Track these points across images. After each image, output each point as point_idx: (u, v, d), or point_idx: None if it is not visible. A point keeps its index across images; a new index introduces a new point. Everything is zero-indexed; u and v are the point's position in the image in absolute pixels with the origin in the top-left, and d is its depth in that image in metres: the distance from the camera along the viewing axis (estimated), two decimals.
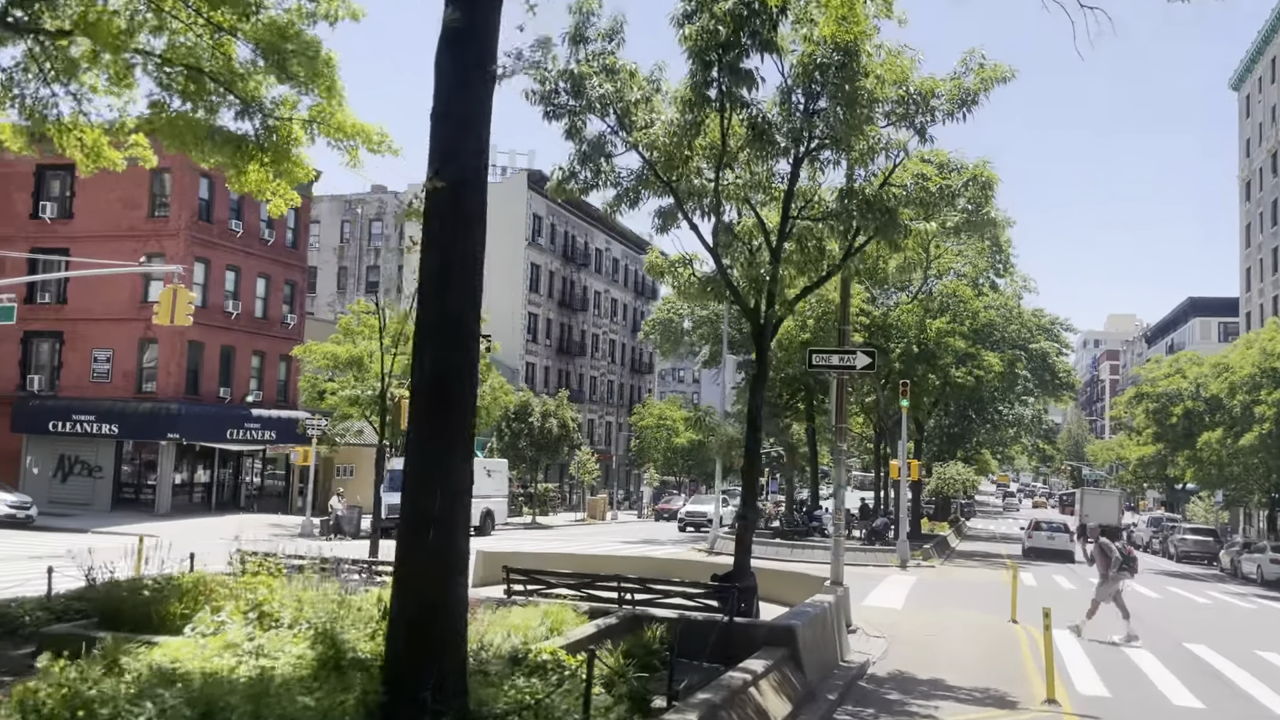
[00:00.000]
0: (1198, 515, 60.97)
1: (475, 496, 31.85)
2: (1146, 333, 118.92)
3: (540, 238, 71.34)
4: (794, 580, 16.20)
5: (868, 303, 39.17)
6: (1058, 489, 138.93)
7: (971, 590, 24.50)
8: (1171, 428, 38.00)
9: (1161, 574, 37.44)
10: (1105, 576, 17.49)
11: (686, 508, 49.55)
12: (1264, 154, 70.25)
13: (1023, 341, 42.75)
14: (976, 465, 70.46)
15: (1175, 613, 22.71)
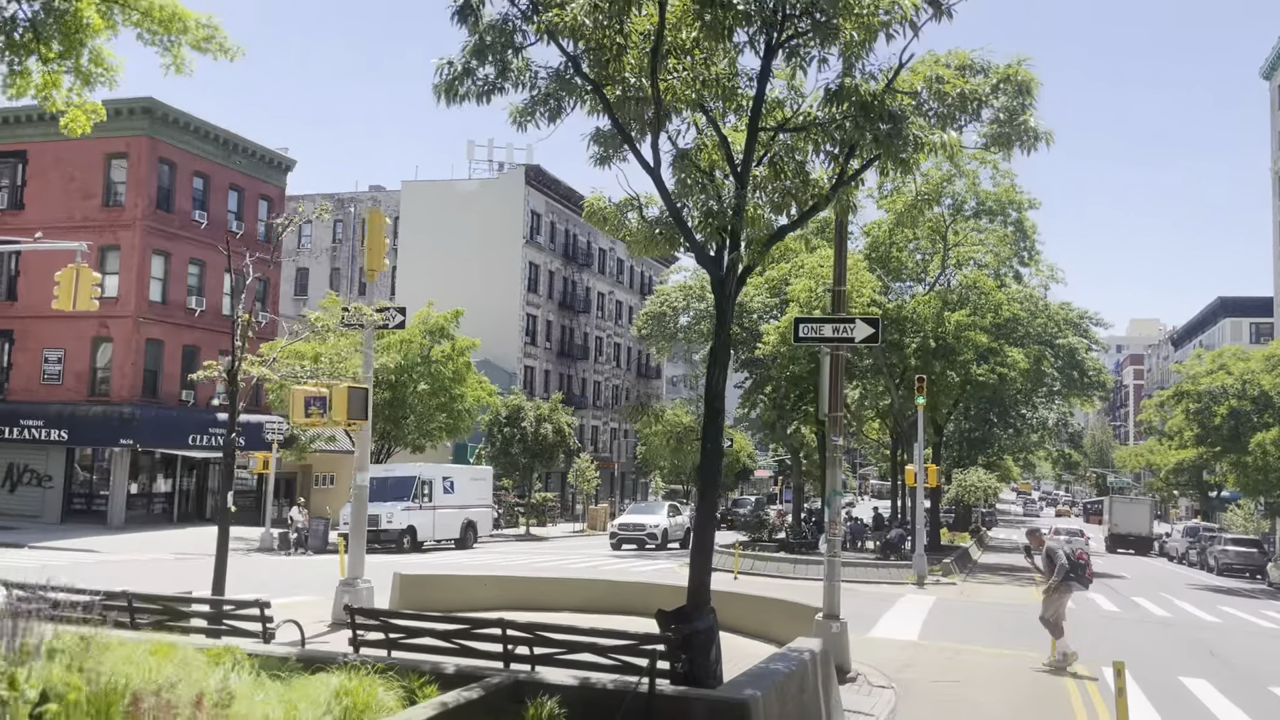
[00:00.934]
0: (1236, 524, 57.15)
1: (455, 507, 28.35)
2: (1173, 335, 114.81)
3: (539, 236, 68.37)
4: (779, 611, 12.99)
5: (880, 293, 35.88)
6: (1081, 496, 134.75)
7: (1000, 615, 21.16)
8: (1215, 429, 34.49)
9: (1206, 589, 33.92)
10: (1050, 589, 14.25)
11: (621, 520, 39.80)
12: None
13: (1049, 337, 39.34)
14: (998, 472, 66.85)
15: (1244, 641, 19.28)
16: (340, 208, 75.04)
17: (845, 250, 11.78)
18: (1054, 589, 14.33)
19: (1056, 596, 14.32)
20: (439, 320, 37.52)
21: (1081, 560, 14.39)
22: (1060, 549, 14.42)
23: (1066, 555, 14.32)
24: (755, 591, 14.90)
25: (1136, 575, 39.65)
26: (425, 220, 67.79)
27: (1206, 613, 24.53)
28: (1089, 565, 14.65)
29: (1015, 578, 33.39)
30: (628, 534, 37.73)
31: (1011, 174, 35.22)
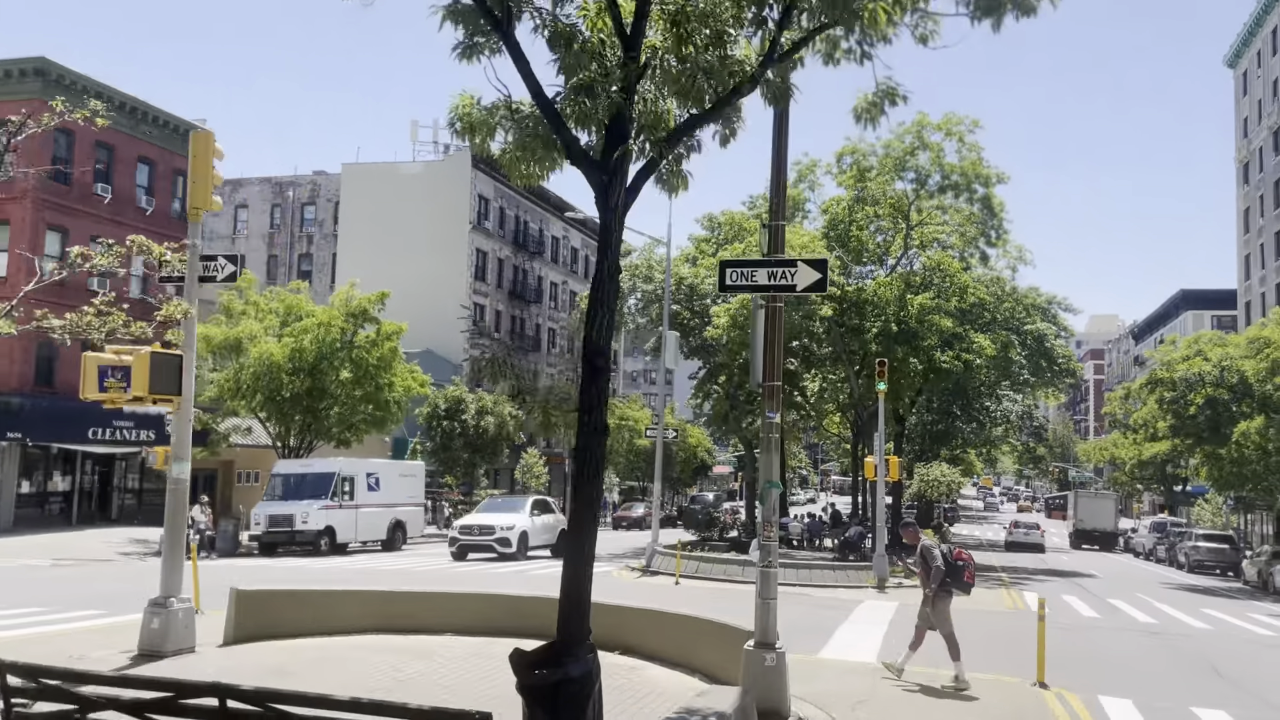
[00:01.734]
0: (1204, 519, 55.65)
1: (382, 505, 24.37)
2: (1134, 329, 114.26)
3: (487, 221, 65.41)
4: (707, 633, 10.37)
5: (840, 273, 33.48)
6: (1042, 492, 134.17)
7: (970, 622, 18.69)
8: (1191, 419, 32.47)
9: (1183, 589, 31.93)
10: (929, 597, 11.99)
11: (464, 520, 31.13)
12: (1264, 131, 65.42)
13: (1017, 323, 37.19)
14: (962, 466, 65.02)
15: (1246, 654, 17.00)
16: (279, 193, 71.61)
17: (784, 165, 9.18)
18: (933, 597, 11.99)
19: (940, 606, 12.01)
20: (362, 302, 34.53)
21: (961, 561, 12.00)
22: (936, 548, 12.04)
23: (944, 555, 11.95)
24: (680, 607, 12.27)
25: (1106, 574, 37.67)
26: (367, 205, 64.56)
27: (1192, 617, 22.35)
28: (970, 567, 12.07)
29: (983, 578, 31.00)
30: (472, 539, 29.24)
31: (978, 146, 33.03)
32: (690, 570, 25.10)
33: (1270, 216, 63.95)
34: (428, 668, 10.18)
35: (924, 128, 33.02)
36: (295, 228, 70.74)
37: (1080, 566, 40.83)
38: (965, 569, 12.01)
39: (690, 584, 23.45)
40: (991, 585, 28.36)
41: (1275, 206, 63.03)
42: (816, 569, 25.21)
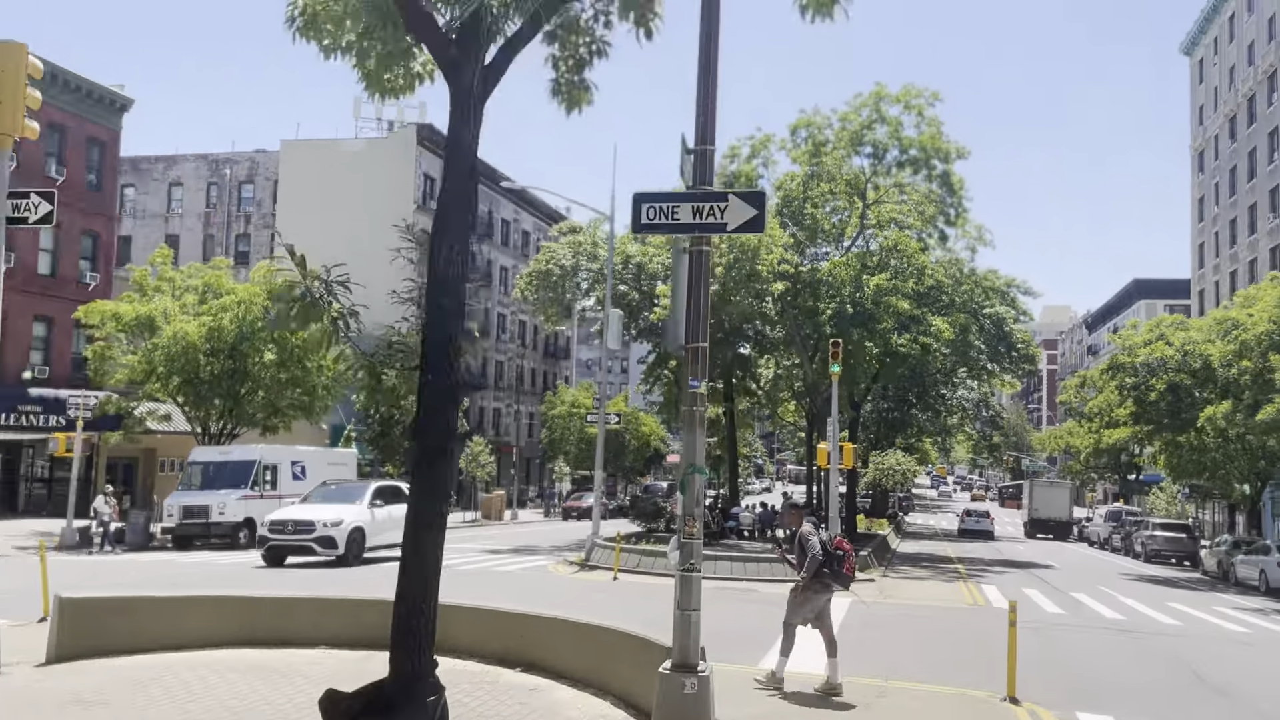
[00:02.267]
0: (1159, 508, 55.20)
1: None
2: (1088, 318, 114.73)
3: (433, 202, 62.96)
4: (624, 648, 8.65)
5: (793, 251, 31.93)
6: (995, 481, 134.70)
7: (928, 623, 17.27)
8: (1153, 405, 31.40)
9: (1143, 580, 30.92)
10: (800, 588, 10.39)
11: (278, 515, 24.57)
12: (1220, 119, 65.17)
13: (975, 306, 35.93)
14: (917, 455, 64.10)
15: (1225, 655, 15.70)
16: (215, 170, 68.69)
17: (715, 69, 7.39)
18: (804, 588, 10.38)
19: (807, 598, 10.40)
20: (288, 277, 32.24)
21: (840, 551, 10.39)
22: (815, 535, 10.36)
23: (822, 544, 10.24)
24: (602, 613, 10.53)
25: (1064, 564, 36.69)
26: (307, 184, 62.00)
27: (1159, 612, 21.13)
28: (850, 558, 10.36)
29: (938, 570, 29.90)
30: (284, 539, 23.17)
31: (938, 121, 31.61)
32: (631, 564, 23.44)
33: (1225, 204, 63.72)
34: (278, 693, 8.36)
35: (882, 99, 31.56)
36: (232, 207, 67.92)
37: (1037, 557, 39.87)
38: (845, 560, 10.37)
39: (630, 580, 21.80)
40: (949, 578, 27.08)
41: (1230, 194, 62.78)
42: (765, 562, 23.66)
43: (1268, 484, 39.44)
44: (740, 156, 35.76)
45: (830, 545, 10.36)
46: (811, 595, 10.42)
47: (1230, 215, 62.60)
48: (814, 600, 10.48)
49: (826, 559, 10.22)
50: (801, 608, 10.48)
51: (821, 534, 10.48)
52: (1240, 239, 60.51)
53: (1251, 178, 58.93)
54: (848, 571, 10.42)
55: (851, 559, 10.51)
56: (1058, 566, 35.11)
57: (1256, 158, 58.34)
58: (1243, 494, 41.19)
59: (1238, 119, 62.04)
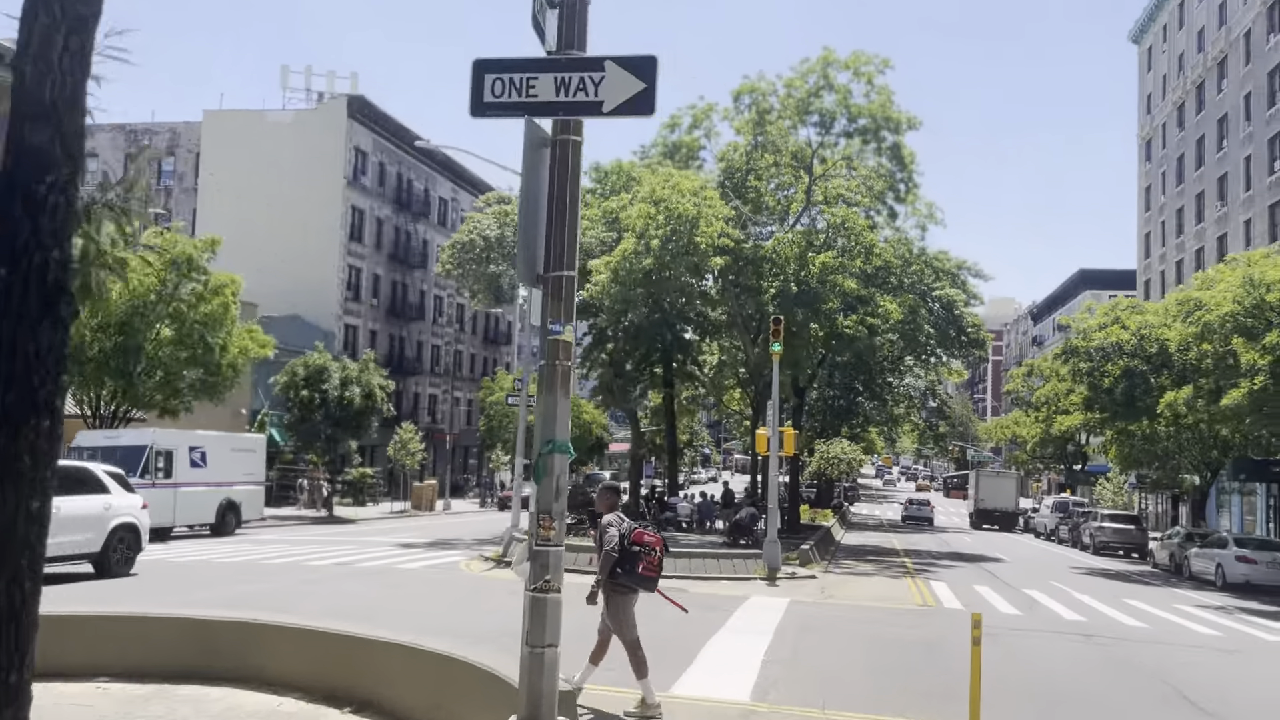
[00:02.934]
0: (1105, 499, 54.47)
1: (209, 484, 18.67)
2: (1033, 309, 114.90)
3: (365, 177, 60.22)
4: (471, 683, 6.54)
5: (735, 226, 29.95)
6: (941, 472, 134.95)
7: (875, 627, 15.40)
8: (1107, 392, 30.05)
9: (1096, 574, 29.59)
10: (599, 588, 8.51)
11: None
12: (1169, 107, 64.67)
13: (925, 287, 34.34)
14: (863, 444, 62.83)
15: (1199, 663, 14.05)
16: (133, 142, 64.90)
17: None
18: (609, 590, 8.47)
19: (623, 603, 8.50)
20: (185, 249, 29.57)
21: (638, 545, 8.46)
22: (615, 525, 8.52)
23: (622, 536, 8.46)
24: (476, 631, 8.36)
25: (1013, 557, 35.37)
26: (231, 157, 58.76)
27: (1119, 611, 19.58)
28: (651, 555, 8.51)
29: (884, 565, 28.24)
30: None
31: (888, 90, 29.81)
32: None
33: (1172, 193, 63.27)
34: None
35: (830, 65, 29.68)
36: (152, 180, 64.19)
37: (985, 549, 38.56)
38: (641, 557, 8.40)
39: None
40: (896, 574, 25.39)
41: (1178, 183, 62.31)
42: (698, 558, 21.70)
43: (1218, 474, 38.56)
44: (681, 126, 33.77)
45: (630, 539, 8.41)
46: (623, 599, 8.54)
47: (1177, 204, 62.15)
48: (629, 604, 8.59)
49: (622, 556, 8.32)
50: (624, 614, 8.52)
51: (624, 526, 8.50)
52: (1187, 228, 60.03)
53: (1199, 166, 58.41)
54: (645, 571, 8.44)
55: (654, 556, 8.53)
56: (1007, 559, 33.75)
57: (1205, 146, 57.81)
58: (1192, 484, 40.30)
59: (1186, 107, 61.52)
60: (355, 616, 11.87)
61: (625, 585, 8.44)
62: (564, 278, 5.25)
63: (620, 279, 27.14)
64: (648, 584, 8.49)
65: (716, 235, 27.13)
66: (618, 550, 8.29)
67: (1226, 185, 54.07)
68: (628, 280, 27.09)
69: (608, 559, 8.33)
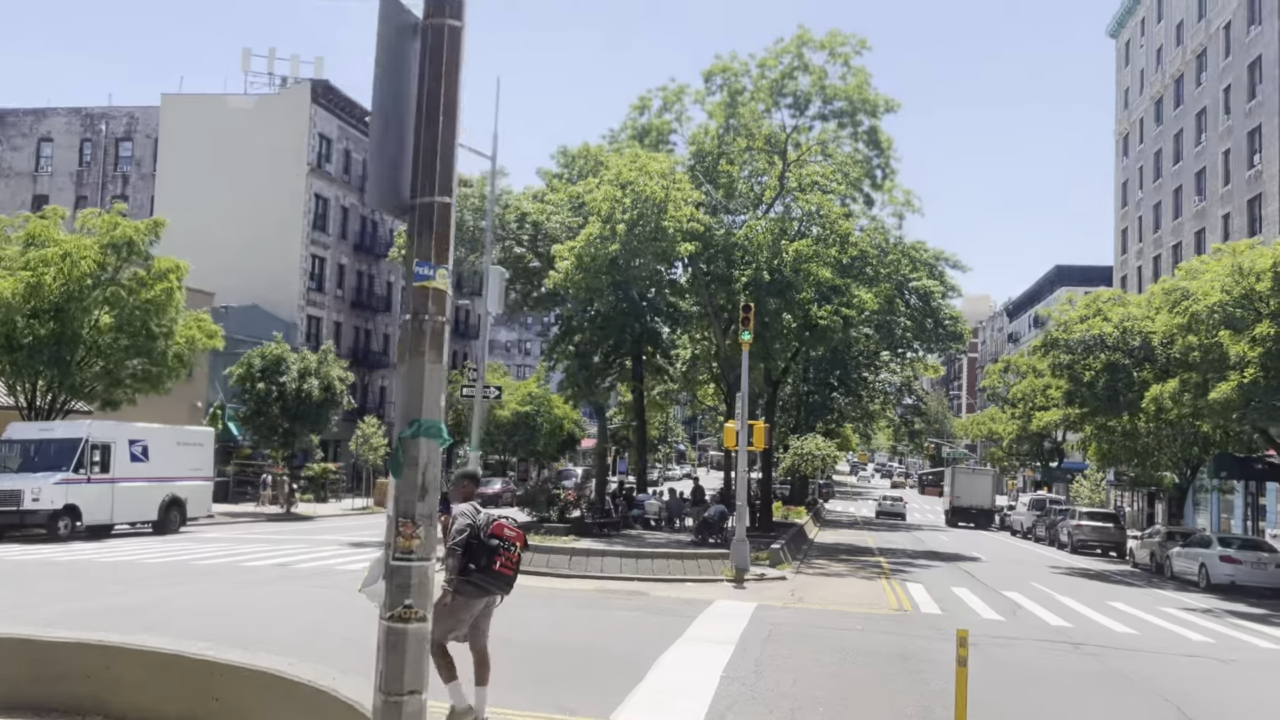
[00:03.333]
0: (1082, 496, 53.76)
1: (151, 479, 16.65)
2: (1009, 306, 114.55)
3: (329, 164, 58.57)
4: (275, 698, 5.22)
5: (707, 212, 28.71)
6: (916, 469, 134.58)
7: (847, 637, 14.22)
8: (1089, 385, 29.07)
9: (1076, 574, 28.64)
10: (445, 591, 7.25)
11: None
12: (1146, 101, 64.09)
13: (901, 278, 33.25)
14: (838, 440, 61.86)
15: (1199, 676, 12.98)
16: (90, 126, 62.95)
17: None
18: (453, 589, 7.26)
19: (459, 604, 7.29)
20: (126, 231, 27.96)
21: (497, 539, 7.29)
22: (466, 517, 7.39)
23: (475, 529, 7.31)
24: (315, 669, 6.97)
25: (990, 556, 34.41)
26: (191, 142, 56.89)
27: (1105, 615, 18.53)
28: (510, 551, 7.32)
29: (859, 565, 27.14)
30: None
31: (865, 71, 28.65)
32: None
33: (1149, 189, 62.70)
34: None
35: (805, 44, 28.48)
36: (109, 166, 62.30)
37: (961, 547, 37.60)
38: (499, 552, 7.22)
39: None
40: (870, 574, 24.28)
41: (1155, 178, 61.73)
42: (661, 558, 20.46)
43: (1198, 472, 37.80)
44: (651, 109, 32.48)
45: (487, 532, 7.27)
46: (464, 600, 7.37)
47: (1155, 200, 61.59)
48: (469, 606, 7.42)
49: (473, 549, 7.19)
50: (449, 618, 7.31)
51: (479, 517, 7.35)
52: (1164, 224, 59.47)
53: (1177, 161, 57.80)
54: (503, 569, 7.27)
55: (512, 553, 7.34)
56: (984, 558, 32.78)
57: (1183, 140, 57.20)
58: (1172, 482, 39.53)
59: (1164, 102, 60.93)
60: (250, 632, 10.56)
61: (477, 585, 7.24)
62: (436, 206, 4.00)
63: (585, 265, 25.83)
64: (504, 583, 7.34)
65: (686, 220, 25.89)
66: (462, 545, 7.16)
67: (1205, 180, 53.46)
68: (592, 267, 25.78)
69: (453, 557, 7.22)
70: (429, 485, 3.86)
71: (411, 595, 3.74)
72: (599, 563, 19.72)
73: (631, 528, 31.43)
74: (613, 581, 18.77)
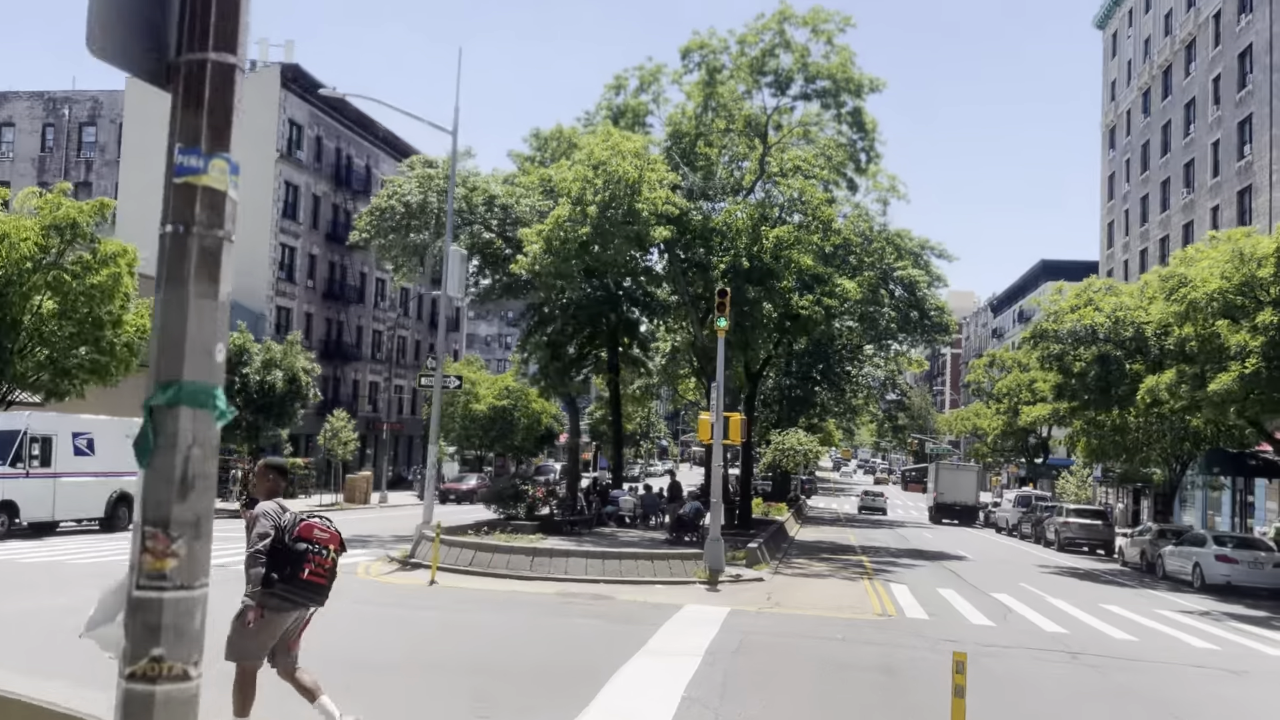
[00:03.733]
0: (1068, 492, 52.86)
1: (97, 474, 15.78)
2: (993, 301, 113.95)
3: (300, 151, 56.93)
4: None
5: (684, 195, 27.42)
6: (899, 465, 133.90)
7: (825, 648, 13.00)
8: (1080, 376, 28.00)
9: (1065, 574, 27.57)
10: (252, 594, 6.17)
11: None
12: (1134, 93, 63.24)
13: (886, 267, 32.08)
14: (821, 434, 60.75)
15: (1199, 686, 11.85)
16: (53, 110, 61.09)
17: None
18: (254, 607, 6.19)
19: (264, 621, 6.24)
20: (70, 212, 26.43)
21: (305, 542, 6.23)
22: (269, 517, 6.29)
23: (280, 530, 6.24)
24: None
25: (976, 554, 33.34)
26: (156, 127, 54.54)
27: (1100, 619, 17.40)
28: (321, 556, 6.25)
29: (840, 564, 25.97)
30: None
31: (849, 50, 27.42)
32: (463, 562, 18.70)
33: (1136, 181, 61.88)
34: None
35: (787, 20, 27.19)
36: (72, 151, 60.48)
37: (946, 545, 36.54)
38: (307, 558, 6.14)
39: (454, 585, 17.08)
40: (853, 574, 23.11)
41: (1142, 171, 60.91)
42: (630, 558, 19.19)
43: (1187, 468, 36.86)
44: (627, 89, 31.14)
45: (292, 535, 6.17)
46: (271, 616, 6.19)
47: (1142, 192, 60.77)
48: (277, 623, 6.29)
49: (279, 555, 6.12)
50: (252, 640, 6.21)
51: (283, 518, 6.27)
52: (1152, 216, 58.64)
53: (1165, 153, 56.96)
54: (312, 578, 6.17)
55: (325, 558, 6.26)
56: (970, 557, 31.70)
57: (1171, 131, 56.35)
58: (1163, 478, 38.62)
59: (1152, 93, 60.09)
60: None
61: (282, 597, 6.08)
62: (211, 66, 2.74)
63: (554, 249, 24.50)
64: (314, 593, 6.21)
65: (661, 202, 24.60)
66: (267, 549, 6.04)
67: (1193, 171, 52.59)
68: (563, 251, 24.44)
69: (252, 562, 6.08)
70: (195, 478, 2.61)
71: (164, 641, 2.48)
72: (563, 564, 18.45)
73: (605, 525, 30.17)
74: (577, 584, 17.50)
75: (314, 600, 6.26)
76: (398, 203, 27.93)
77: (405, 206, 27.82)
